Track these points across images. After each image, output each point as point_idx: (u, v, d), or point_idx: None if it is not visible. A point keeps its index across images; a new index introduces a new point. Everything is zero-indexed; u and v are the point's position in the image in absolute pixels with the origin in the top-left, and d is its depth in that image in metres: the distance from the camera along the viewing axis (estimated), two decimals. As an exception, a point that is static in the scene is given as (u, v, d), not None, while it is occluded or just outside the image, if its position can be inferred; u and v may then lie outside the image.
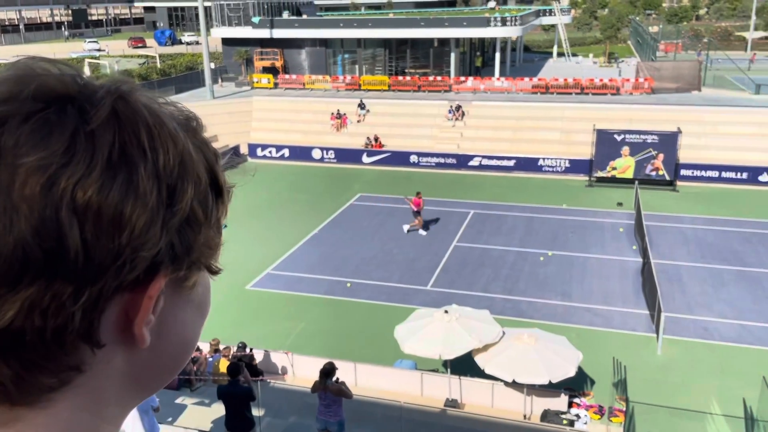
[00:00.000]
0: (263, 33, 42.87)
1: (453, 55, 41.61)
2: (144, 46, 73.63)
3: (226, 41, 45.21)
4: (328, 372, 11.45)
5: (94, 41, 73.60)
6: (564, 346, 13.76)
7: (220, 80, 43.87)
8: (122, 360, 0.63)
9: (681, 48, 59.66)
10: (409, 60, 43.84)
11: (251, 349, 15.30)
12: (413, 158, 33.38)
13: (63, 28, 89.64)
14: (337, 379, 11.66)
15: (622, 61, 54.48)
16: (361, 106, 36.82)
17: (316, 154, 35.06)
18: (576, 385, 14.55)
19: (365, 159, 34.17)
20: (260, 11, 44.82)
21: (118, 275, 0.58)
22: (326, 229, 25.27)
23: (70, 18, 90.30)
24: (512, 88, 37.90)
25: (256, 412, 12.29)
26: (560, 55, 57.25)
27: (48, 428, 0.60)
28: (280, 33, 42.66)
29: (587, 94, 36.49)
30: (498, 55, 42.24)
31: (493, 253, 22.61)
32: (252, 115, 38.36)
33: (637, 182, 28.01)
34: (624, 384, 14.77)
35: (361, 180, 31.57)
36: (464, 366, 14.11)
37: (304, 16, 47.29)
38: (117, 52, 68.12)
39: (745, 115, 32.12)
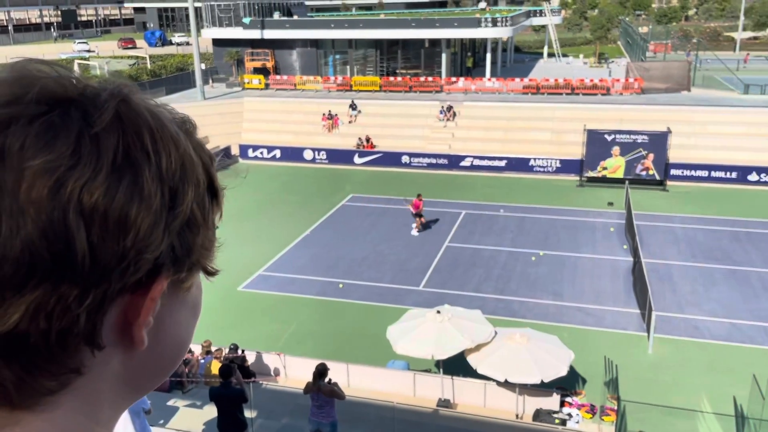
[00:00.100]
0: (254, 34, 42.79)
1: (444, 56, 41.68)
2: (134, 47, 73.32)
3: (217, 42, 45.10)
4: (321, 373, 11.43)
5: (83, 42, 73.25)
6: (556, 346, 13.82)
7: (210, 81, 43.75)
8: (119, 362, 0.63)
9: (670, 48, 60.05)
10: (400, 61, 43.87)
11: (243, 351, 15.26)
12: (405, 159, 33.41)
13: (52, 29, 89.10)
14: (330, 380, 11.64)
15: (612, 61, 54.77)
16: (353, 106, 36.82)
17: (308, 155, 35.02)
18: (568, 385, 14.62)
19: (357, 160, 34.16)
20: (251, 12, 44.73)
21: (123, 277, 0.58)
22: (318, 230, 25.25)
23: (60, 19, 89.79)
24: (503, 88, 38.00)
25: (249, 413, 12.26)
26: (551, 55, 57.47)
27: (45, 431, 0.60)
28: (271, 34, 42.59)
29: (578, 94, 36.65)
30: (489, 56, 42.36)
31: (485, 254, 22.65)
32: (243, 116, 38.28)
33: (627, 182, 28.17)
34: (615, 383, 14.83)
35: (353, 181, 31.56)
36: (457, 366, 14.13)
37: (295, 17, 47.21)
38: (107, 53, 67.80)
39: (734, 115, 32.37)
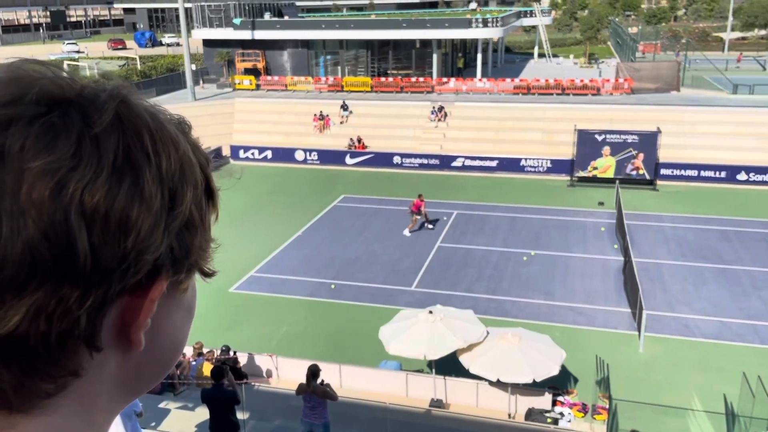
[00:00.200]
0: (245, 34, 42.69)
1: (435, 56, 41.74)
2: (124, 48, 73.01)
3: (207, 43, 44.96)
4: (314, 374, 11.42)
5: (73, 43, 72.86)
6: (547, 345, 13.86)
7: (201, 82, 43.61)
8: (115, 364, 0.63)
9: (660, 49, 60.46)
10: (391, 61, 43.89)
11: (235, 352, 15.22)
12: (396, 159, 33.42)
13: (41, 30, 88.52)
14: (322, 381, 11.63)
15: (602, 61, 55.04)
16: (344, 107, 36.80)
17: (299, 155, 34.96)
18: (560, 384, 14.66)
19: (348, 160, 34.14)
20: (241, 12, 44.59)
21: (123, 278, 0.58)
22: (310, 231, 25.21)
23: (49, 20, 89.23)
24: (494, 89, 38.10)
25: (241, 415, 12.23)
26: (541, 56, 57.68)
27: None
28: (261, 34, 42.51)
29: (568, 94, 36.79)
30: (480, 56, 42.46)
31: (477, 254, 22.69)
32: (234, 117, 38.17)
33: (617, 182, 28.30)
34: (607, 382, 14.90)
35: (345, 181, 31.53)
36: (449, 366, 14.15)
37: (286, 18, 47.12)
38: (96, 54, 67.47)
39: (723, 114, 32.58)
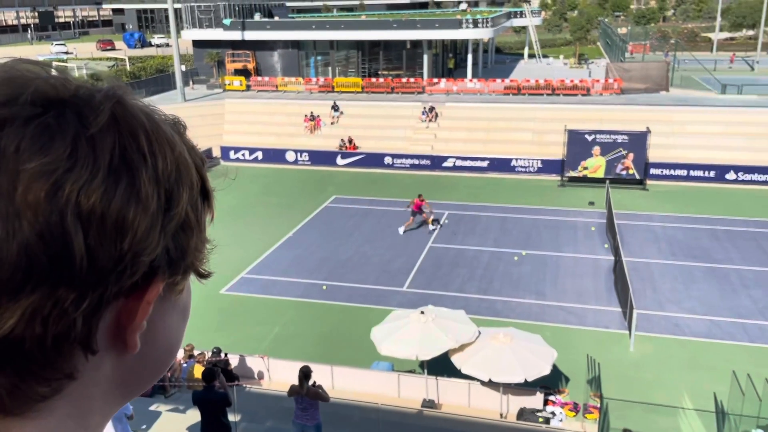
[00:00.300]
0: (235, 35, 42.57)
1: (426, 57, 41.78)
2: (113, 49, 72.59)
3: (197, 43, 44.78)
4: (306, 375, 11.40)
5: (61, 44, 72.31)
6: (539, 345, 13.90)
7: (191, 83, 43.45)
8: (110, 366, 0.62)
9: (649, 49, 60.83)
10: (382, 62, 43.89)
11: (226, 354, 15.16)
12: (387, 160, 33.42)
13: (29, 31, 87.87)
14: (314, 382, 11.61)
15: (592, 62, 55.30)
16: (335, 108, 36.76)
17: (290, 156, 34.90)
18: (551, 383, 14.71)
19: (339, 161, 34.11)
20: (231, 13, 44.45)
21: (119, 280, 0.58)
22: (301, 232, 25.16)
23: (37, 20, 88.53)
24: (484, 89, 38.19)
25: (232, 417, 12.18)
26: (531, 56, 57.86)
27: None
28: (251, 35, 42.40)
29: (558, 94, 36.92)
30: (470, 57, 42.54)
31: (468, 254, 22.72)
32: (224, 118, 38.04)
33: (608, 181, 28.44)
34: (598, 381, 14.95)
35: (336, 182, 31.50)
36: (441, 366, 14.16)
37: (276, 18, 47.01)
38: (85, 55, 67.04)
39: (712, 114, 32.80)
